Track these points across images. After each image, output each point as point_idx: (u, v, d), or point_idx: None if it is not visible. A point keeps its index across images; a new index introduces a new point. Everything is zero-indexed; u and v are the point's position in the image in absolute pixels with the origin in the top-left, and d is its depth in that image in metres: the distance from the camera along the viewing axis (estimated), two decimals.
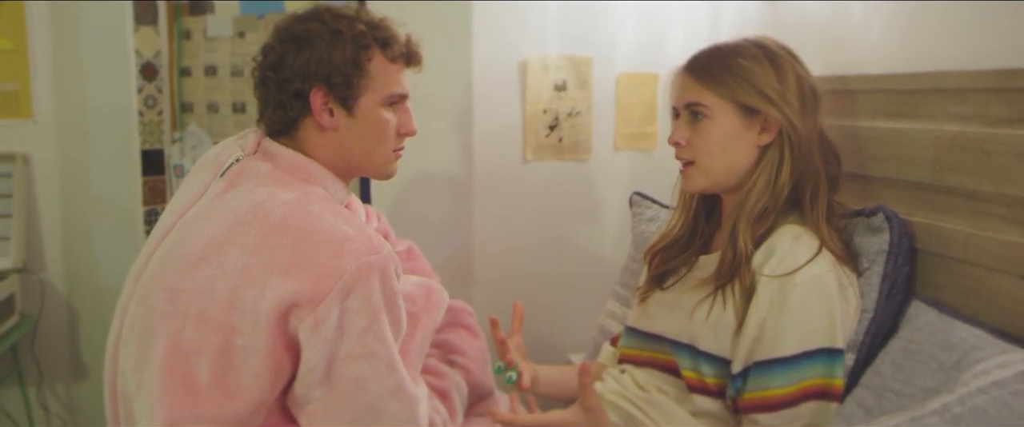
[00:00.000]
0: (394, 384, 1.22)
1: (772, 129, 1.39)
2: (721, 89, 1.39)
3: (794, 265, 1.32)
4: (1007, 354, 1.11)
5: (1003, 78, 1.30)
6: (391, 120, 1.37)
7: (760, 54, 1.41)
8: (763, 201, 1.38)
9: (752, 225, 1.37)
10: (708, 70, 1.42)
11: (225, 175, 1.31)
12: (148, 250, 1.31)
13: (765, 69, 1.39)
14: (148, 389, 1.21)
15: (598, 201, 2.37)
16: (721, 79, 1.40)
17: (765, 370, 1.32)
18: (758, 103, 1.38)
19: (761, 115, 1.39)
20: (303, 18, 1.35)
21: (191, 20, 2.46)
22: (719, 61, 1.42)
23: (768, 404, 1.31)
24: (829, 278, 1.33)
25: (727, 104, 1.39)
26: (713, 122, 1.40)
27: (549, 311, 2.34)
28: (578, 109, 2.30)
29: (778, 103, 1.38)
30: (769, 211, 1.38)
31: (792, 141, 1.38)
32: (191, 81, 2.49)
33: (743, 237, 1.37)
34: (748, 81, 1.39)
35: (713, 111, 1.40)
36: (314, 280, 1.16)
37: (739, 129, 1.40)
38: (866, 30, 1.73)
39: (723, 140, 1.40)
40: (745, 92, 1.38)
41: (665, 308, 1.51)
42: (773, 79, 1.39)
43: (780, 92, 1.38)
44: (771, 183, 1.39)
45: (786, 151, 1.39)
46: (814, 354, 1.31)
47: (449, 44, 2.18)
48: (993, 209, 1.30)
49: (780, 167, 1.39)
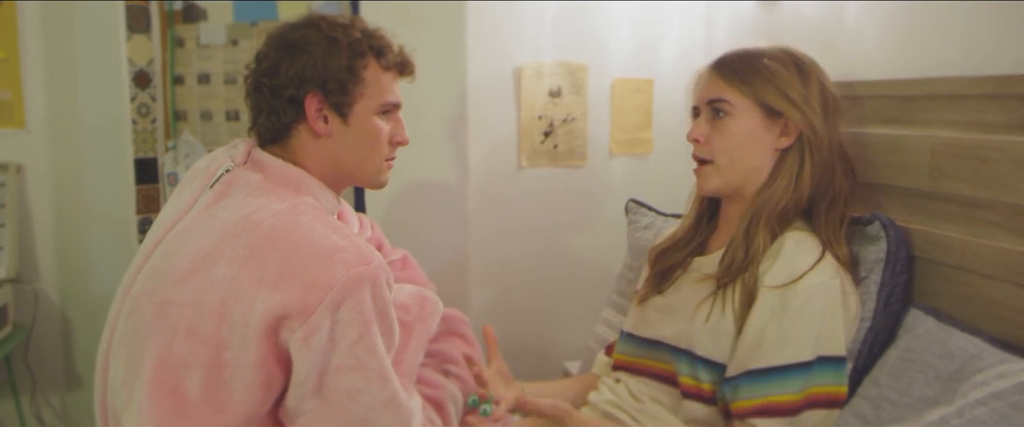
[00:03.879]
0: (387, 396, 1.21)
1: (792, 133, 1.40)
2: (745, 88, 1.40)
3: (797, 272, 1.32)
4: (1006, 364, 1.10)
5: (1000, 84, 1.29)
6: (384, 129, 1.37)
7: (787, 59, 1.43)
8: (784, 201, 1.39)
9: (771, 224, 1.38)
10: (734, 68, 1.43)
11: (215, 186, 1.30)
12: (138, 262, 1.30)
13: (791, 73, 1.41)
14: (137, 402, 1.20)
15: (594, 207, 2.36)
16: (746, 78, 1.41)
17: (768, 377, 1.31)
18: (781, 105, 1.39)
19: (782, 118, 1.40)
20: (298, 25, 1.35)
21: (184, 28, 2.45)
22: (746, 61, 1.43)
23: (770, 410, 1.30)
24: (833, 284, 1.33)
25: (750, 103, 1.40)
26: (734, 120, 1.41)
27: (545, 318, 2.34)
28: (573, 115, 2.29)
29: (801, 107, 1.39)
30: (791, 212, 1.39)
31: (812, 146, 1.39)
32: (184, 89, 2.48)
33: (762, 236, 1.37)
34: (773, 82, 1.40)
35: (735, 109, 1.40)
36: (304, 292, 1.15)
37: (759, 130, 1.40)
38: (861, 34, 1.73)
39: (742, 139, 1.41)
40: (769, 93, 1.39)
41: (664, 312, 1.50)
42: (798, 83, 1.40)
43: (804, 96, 1.40)
44: (792, 183, 1.40)
45: (806, 155, 1.40)
46: (819, 362, 1.31)
47: (444, 51, 2.18)
48: (990, 216, 1.29)
49: (801, 170, 1.40)
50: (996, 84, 1.30)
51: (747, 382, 1.32)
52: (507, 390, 1.48)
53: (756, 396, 1.31)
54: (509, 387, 1.49)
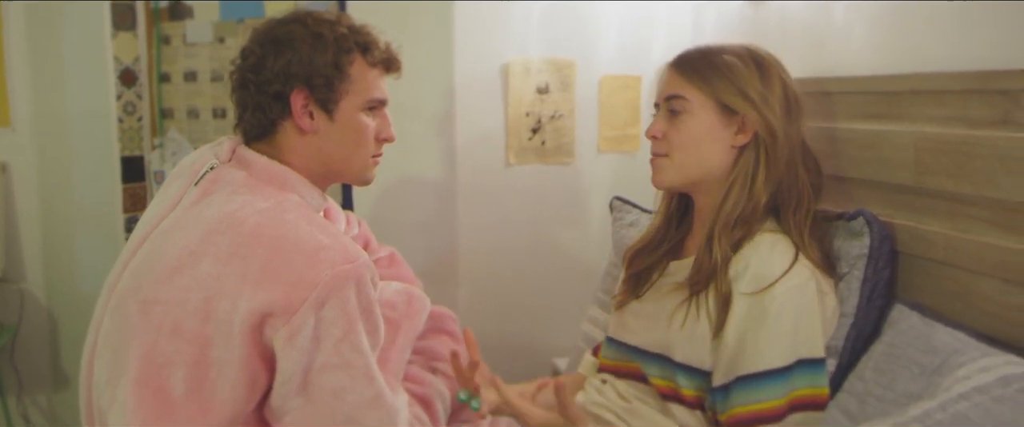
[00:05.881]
0: (372, 394, 1.20)
1: (748, 131, 1.39)
2: (703, 85, 1.39)
3: (771, 276, 1.32)
4: (988, 358, 1.10)
5: (983, 80, 1.30)
6: (370, 125, 1.37)
7: (747, 56, 1.41)
8: (739, 208, 1.37)
9: (730, 232, 1.37)
10: (693, 65, 1.42)
11: (199, 183, 1.29)
12: (123, 260, 1.30)
13: (751, 71, 1.39)
14: (122, 401, 1.19)
15: (581, 204, 2.36)
16: (704, 75, 1.40)
17: (751, 384, 1.31)
18: (738, 103, 1.38)
19: (739, 116, 1.38)
20: (284, 21, 1.35)
21: (170, 25, 2.44)
22: (705, 58, 1.42)
23: (758, 417, 1.30)
24: (809, 287, 1.33)
25: (707, 100, 1.39)
26: (691, 117, 1.40)
27: (533, 315, 2.34)
28: (561, 112, 2.29)
29: (758, 105, 1.38)
30: (746, 218, 1.38)
31: (768, 146, 1.38)
32: (171, 87, 2.47)
33: (719, 245, 1.36)
34: (731, 80, 1.39)
35: (692, 106, 1.40)
36: (288, 290, 1.15)
37: (716, 127, 1.39)
38: (849, 32, 1.73)
39: (699, 136, 1.40)
40: (727, 90, 1.38)
41: (641, 319, 1.50)
42: (757, 82, 1.39)
43: (762, 95, 1.38)
44: (747, 189, 1.38)
45: (762, 156, 1.38)
46: (800, 365, 1.30)
47: (431, 48, 2.17)
48: (974, 212, 1.29)
49: (756, 172, 1.38)
50: (980, 79, 1.30)
51: (738, 389, 1.32)
52: (487, 392, 1.48)
53: (744, 402, 1.31)
54: (490, 389, 1.49)
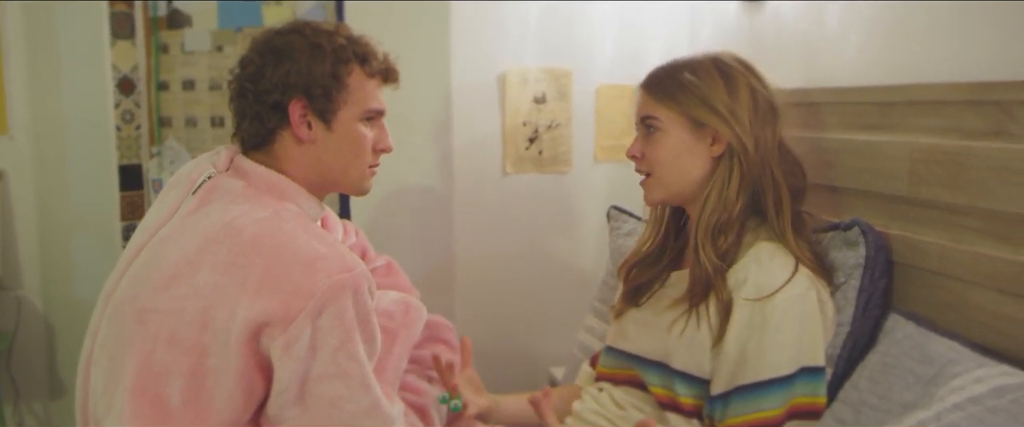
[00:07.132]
0: (369, 404, 1.20)
1: (722, 141, 1.41)
2: (671, 103, 1.42)
3: (773, 286, 1.32)
4: (983, 369, 1.10)
5: (978, 91, 1.30)
6: (368, 135, 1.37)
7: (713, 68, 1.43)
8: (717, 215, 1.39)
9: (712, 240, 1.38)
10: (660, 85, 1.44)
11: (197, 192, 1.30)
12: (120, 268, 1.30)
13: (716, 83, 1.41)
14: (118, 411, 1.19)
15: (578, 214, 2.37)
16: (671, 93, 1.42)
17: (752, 393, 1.31)
18: (706, 117, 1.40)
19: (710, 128, 1.40)
20: (282, 31, 1.35)
21: (169, 34, 2.44)
22: (671, 76, 1.44)
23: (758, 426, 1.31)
24: (810, 296, 1.34)
25: (677, 117, 1.41)
26: (665, 135, 1.42)
27: (530, 324, 2.34)
28: (558, 121, 2.29)
29: (726, 117, 1.39)
30: (726, 225, 1.39)
31: (740, 155, 1.40)
32: (169, 95, 2.47)
33: (705, 253, 1.37)
34: (696, 95, 1.41)
35: (665, 124, 1.42)
36: (285, 299, 1.15)
37: (690, 142, 1.42)
38: (844, 40, 1.74)
39: (675, 152, 1.42)
40: (694, 106, 1.40)
41: (640, 327, 1.50)
42: (723, 93, 1.40)
43: (729, 106, 1.40)
44: (722, 197, 1.40)
45: (735, 165, 1.40)
46: (802, 373, 1.31)
47: (428, 57, 2.18)
48: (969, 222, 1.30)
49: (729, 181, 1.40)
50: (975, 90, 1.31)
51: (738, 398, 1.32)
52: (477, 397, 1.48)
53: (744, 411, 1.32)
54: (479, 395, 1.50)
